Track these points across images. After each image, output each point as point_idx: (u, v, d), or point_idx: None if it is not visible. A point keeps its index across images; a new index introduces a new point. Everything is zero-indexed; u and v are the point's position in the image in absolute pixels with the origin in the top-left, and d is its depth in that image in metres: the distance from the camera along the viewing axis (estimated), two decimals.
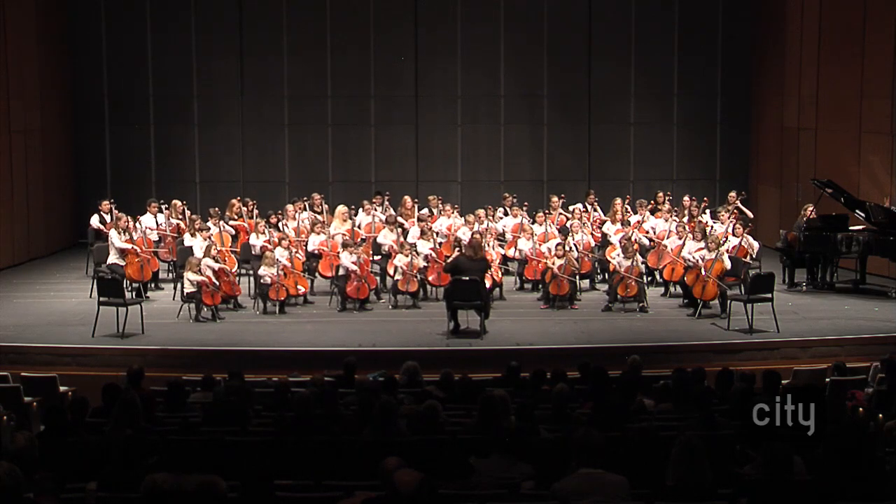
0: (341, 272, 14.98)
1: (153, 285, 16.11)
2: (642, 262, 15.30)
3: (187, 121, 21.07)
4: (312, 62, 21.07)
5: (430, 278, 15.25)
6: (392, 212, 17.01)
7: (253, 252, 15.68)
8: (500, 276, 15.39)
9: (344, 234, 15.82)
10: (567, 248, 15.12)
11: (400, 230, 16.02)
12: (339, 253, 15.14)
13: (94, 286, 14.57)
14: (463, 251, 14.62)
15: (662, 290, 15.88)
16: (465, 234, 15.75)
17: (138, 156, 21.02)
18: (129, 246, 15.08)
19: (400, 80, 21.13)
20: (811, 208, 16.35)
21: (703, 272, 14.32)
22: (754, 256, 15.53)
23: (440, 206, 17.20)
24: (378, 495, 5.79)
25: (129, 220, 15.54)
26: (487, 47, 21.13)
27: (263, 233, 15.72)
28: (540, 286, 15.57)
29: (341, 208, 16.54)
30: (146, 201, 16.98)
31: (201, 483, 5.75)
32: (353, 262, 14.72)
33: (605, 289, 15.49)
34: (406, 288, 14.96)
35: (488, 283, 14.40)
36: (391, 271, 15.32)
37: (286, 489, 6.46)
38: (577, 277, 15.34)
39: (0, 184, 18.11)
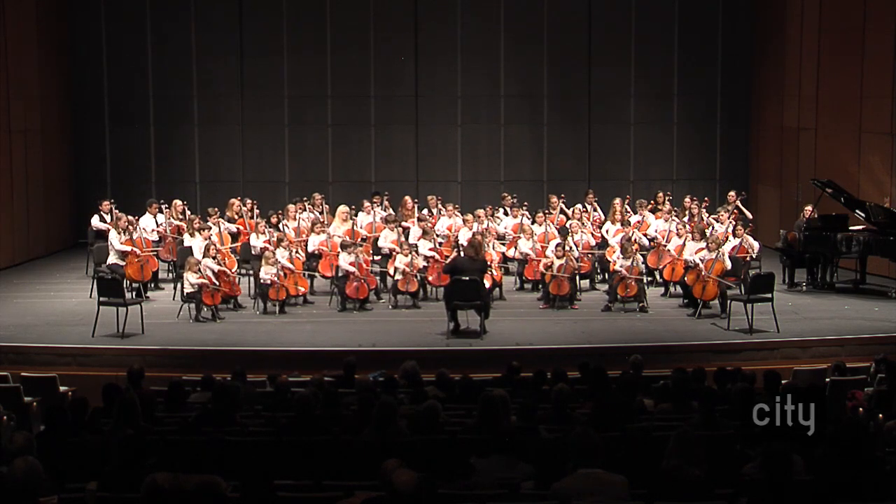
0: (340, 273, 14.98)
1: (153, 285, 16.10)
2: (642, 262, 15.31)
3: (187, 121, 21.06)
4: (312, 62, 21.06)
5: (430, 278, 15.25)
6: (391, 211, 17.00)
7: (253, 252, 15.68)
8: (500, 275, 15.39)
9: (341, 235, 15.80)
10: (567, 248, 15.12)
11: (400, 230, 16.02)
12: (338, 253, 15.13)
13: (94, 286, 14.57)
14: (462, 252, 14.61)
15: (662, 290, 15.88)
16: (464, 236, 15.73)
17: (138, 156, 21.02)
18: (127, 248, 15.06)
19: (400, 80, 21.13)
20: (811, 208, 16.35)
21: (703, 272, 14.33)
22: (754, 256, 15.54)
23: (440, 206, 17.20)
24: (378, 495, 5.79)
25: (130, 220, 15.55)
26: (487, 47, 21.12)
27: (263, 233, 15.72)
28: (540, 286, 15.57)
29: (342, 208, 16.52)
30: (146, 201, 16.98)
31: (201, 483, 5.75)
32: (350, 264, 14.73)
33: (605, 289, 15.50)
34: (406, 288, 14.96)
35: (488, 283, 14.40)
36: (391, 271, 15.32)
37: (286, 489, 6.46)
38: (578, 277, 15.35)
39: (0, 184, 18.11)
